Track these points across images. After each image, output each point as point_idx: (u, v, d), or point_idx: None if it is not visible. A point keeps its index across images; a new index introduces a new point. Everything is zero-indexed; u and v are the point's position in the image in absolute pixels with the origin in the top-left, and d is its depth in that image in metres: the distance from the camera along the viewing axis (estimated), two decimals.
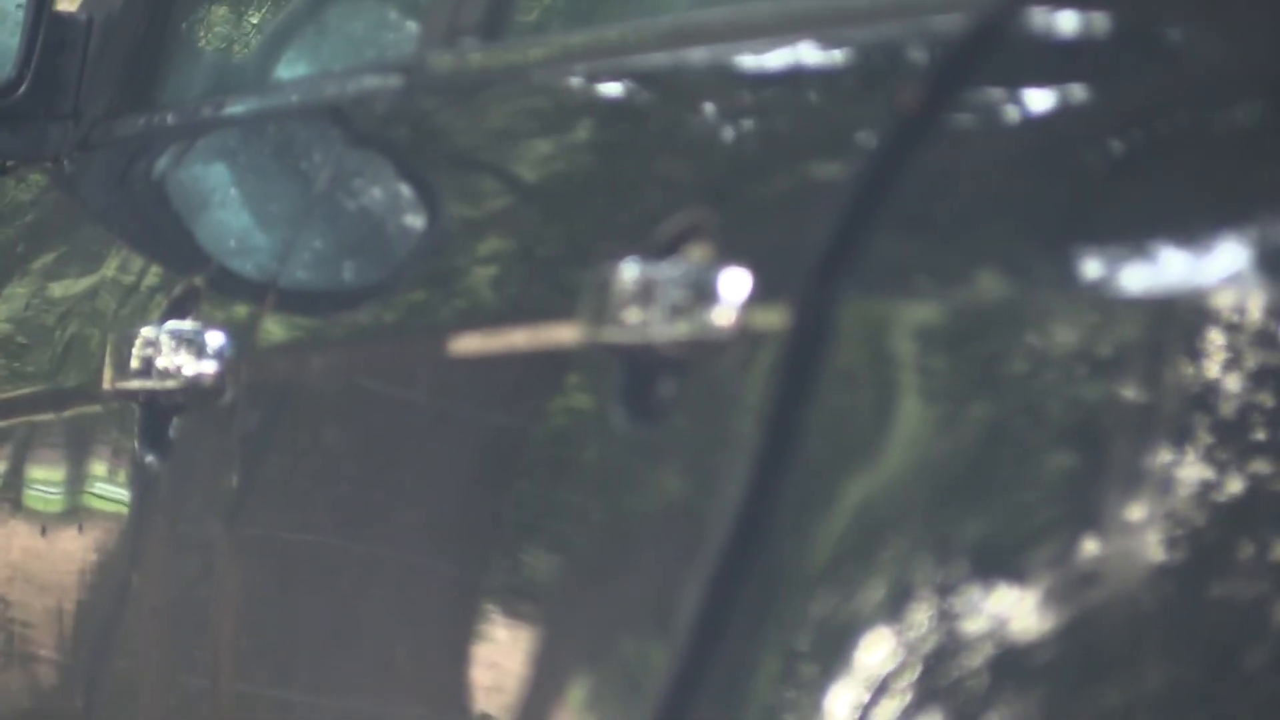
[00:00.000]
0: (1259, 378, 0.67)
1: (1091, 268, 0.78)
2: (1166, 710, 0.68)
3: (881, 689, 0.80)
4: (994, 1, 0.94)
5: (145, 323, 1.71)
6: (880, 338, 0.91)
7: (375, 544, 1.40)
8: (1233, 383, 0.68)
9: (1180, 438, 0.68)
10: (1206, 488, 0.67)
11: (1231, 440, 0.67)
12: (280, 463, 1.58)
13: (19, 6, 2.12)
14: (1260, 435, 0.67)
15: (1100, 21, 0.91)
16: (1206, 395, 0.68)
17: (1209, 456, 0.67)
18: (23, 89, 1.95)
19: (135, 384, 1.68)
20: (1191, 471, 0.67)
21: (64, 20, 2.13)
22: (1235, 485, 0.67)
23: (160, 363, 1.63)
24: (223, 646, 1.59)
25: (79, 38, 2.09)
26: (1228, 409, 0.67)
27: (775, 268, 0.98)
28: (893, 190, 0.92)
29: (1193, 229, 0.74)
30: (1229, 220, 0.72)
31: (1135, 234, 0.76)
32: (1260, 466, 0.65)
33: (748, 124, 1.19)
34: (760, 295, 0.96)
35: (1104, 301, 0.77)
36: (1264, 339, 0.66)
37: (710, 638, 0.96)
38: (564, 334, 1.14)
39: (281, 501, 1.57)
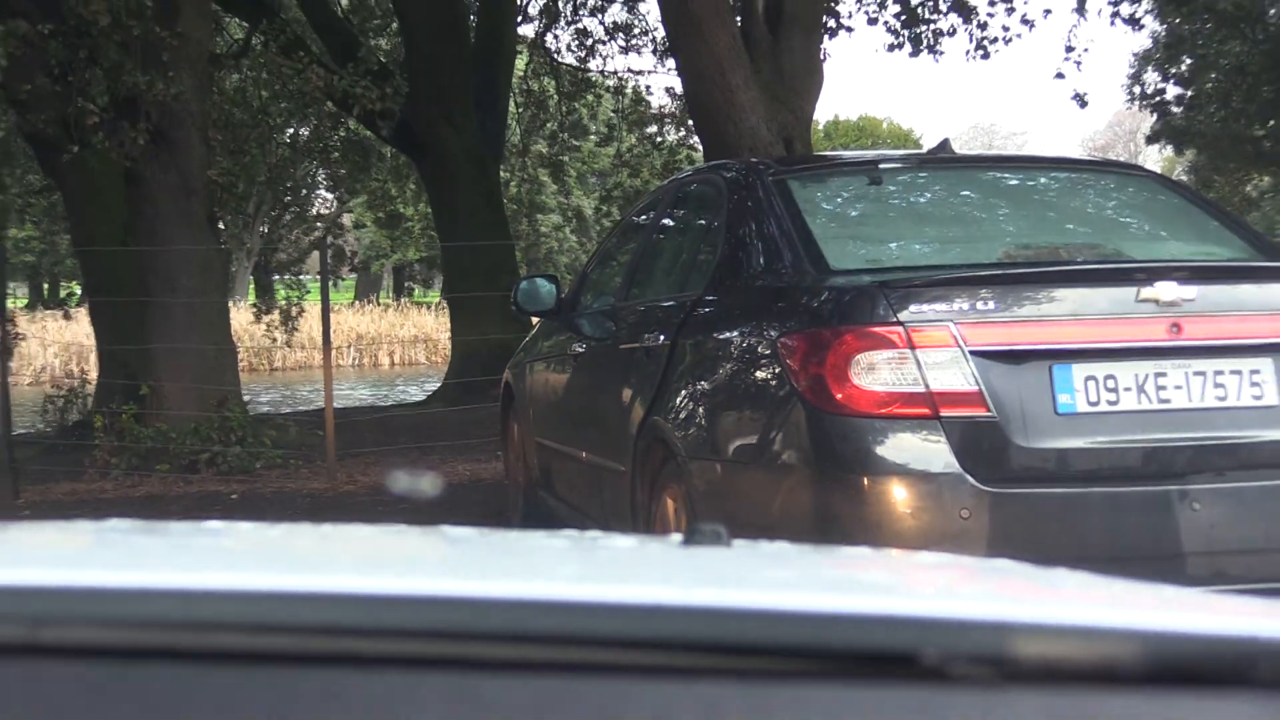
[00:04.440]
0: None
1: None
2: None
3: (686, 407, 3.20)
4: None
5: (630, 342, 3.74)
6: (690, 349, 3.21)
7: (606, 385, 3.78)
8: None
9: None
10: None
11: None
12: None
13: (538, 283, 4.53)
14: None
15: None
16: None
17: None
18: (555, 307, 4.31)
19: (631, 344, 3.72)
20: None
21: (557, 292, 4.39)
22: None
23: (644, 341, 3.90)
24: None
25: (567, 298, 4.42)
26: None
27: (663, 331, 3.35)
28: (688, 317, 3.26)
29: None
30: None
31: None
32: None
33: None
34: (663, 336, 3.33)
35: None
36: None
37: (660, 386, 3.26)
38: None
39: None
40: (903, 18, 12.84)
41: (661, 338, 3.37)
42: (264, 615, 0.57)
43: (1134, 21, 13.62)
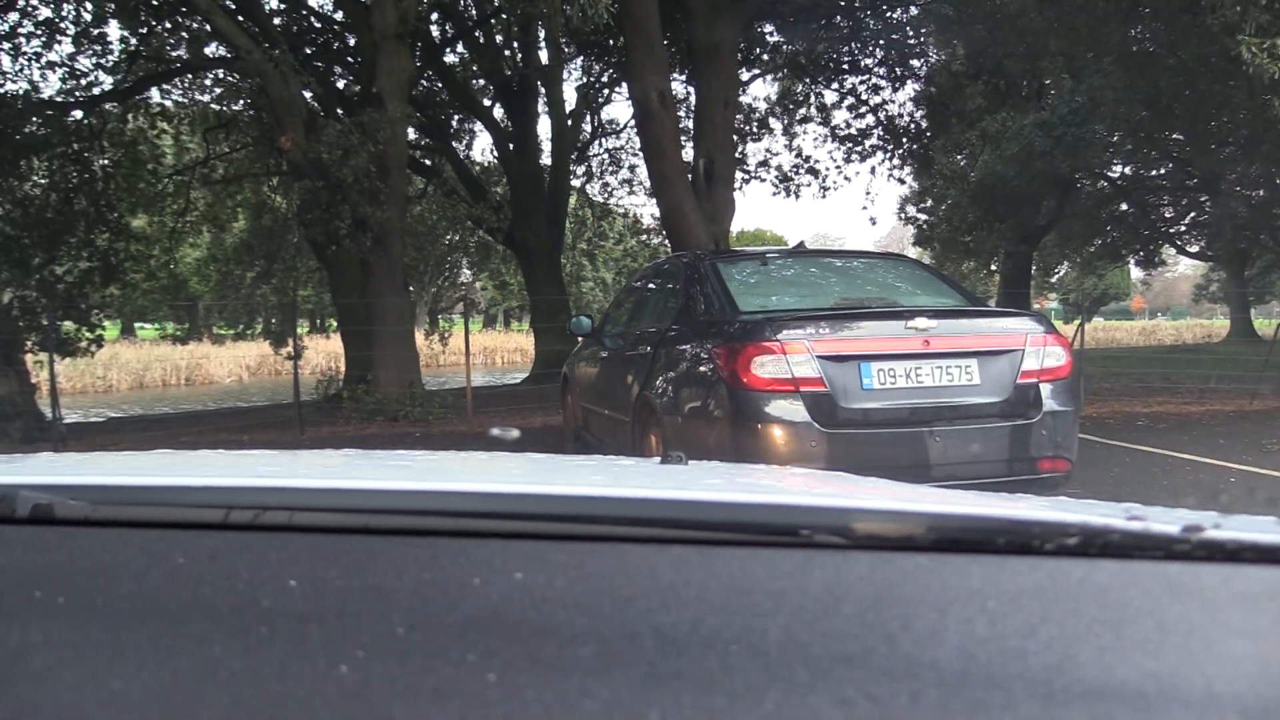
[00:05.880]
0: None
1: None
2: None
3: (658, 388, 2.91)
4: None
5: (642, 346, 3.24)
6: (664, 355, 3.04)
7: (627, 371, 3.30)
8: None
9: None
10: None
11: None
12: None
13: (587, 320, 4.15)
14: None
15: None
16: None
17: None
18: (590, 331, 3.99)
19: (632, 352, 3.24)
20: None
21: (591, 324, 4.05)
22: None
23: (638, 346, 3.21)
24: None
25: (597, 327, 4.04)
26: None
27: (649, 345, 3.20)
28: (663, 337, 3.11)
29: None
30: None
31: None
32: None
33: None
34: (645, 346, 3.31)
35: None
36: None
37: (648, 374, 3.06)
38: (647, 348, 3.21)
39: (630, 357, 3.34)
40: (779, 177, 13.78)
41: (648, 349, 3.23)
42: (421, 503, 0.53)
43: (901, 181, 14.35)
